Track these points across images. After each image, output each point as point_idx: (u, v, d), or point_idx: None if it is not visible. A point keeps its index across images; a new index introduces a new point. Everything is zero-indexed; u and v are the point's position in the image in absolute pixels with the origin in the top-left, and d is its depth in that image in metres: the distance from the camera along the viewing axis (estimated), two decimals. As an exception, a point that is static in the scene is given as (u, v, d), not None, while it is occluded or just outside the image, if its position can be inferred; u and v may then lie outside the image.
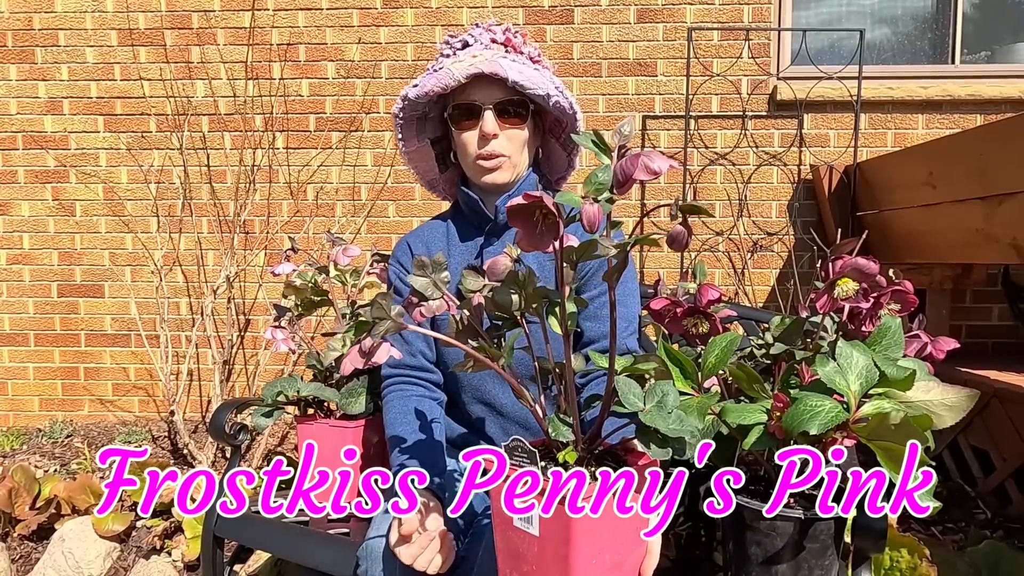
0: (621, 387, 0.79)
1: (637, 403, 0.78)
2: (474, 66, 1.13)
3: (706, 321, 0.96)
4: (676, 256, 2.86)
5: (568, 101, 1.18)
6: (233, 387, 2.89)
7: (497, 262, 0.88)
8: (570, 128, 1.24)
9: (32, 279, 2.94)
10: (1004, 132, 1.88)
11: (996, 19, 3.00)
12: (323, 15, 2.86)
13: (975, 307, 2.84)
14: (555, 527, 0.75)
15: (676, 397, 0.79)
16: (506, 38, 1.21)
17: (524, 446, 0.78)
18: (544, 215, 0.71)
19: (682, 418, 0.77)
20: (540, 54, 1.24)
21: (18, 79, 2.89)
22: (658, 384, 0.79)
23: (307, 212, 2.91)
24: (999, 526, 1.99)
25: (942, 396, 0.85)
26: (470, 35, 1.21)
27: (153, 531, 2.08)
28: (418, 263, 0.83)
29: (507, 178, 1.22)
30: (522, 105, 1.19)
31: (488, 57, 1.14)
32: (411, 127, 1.26)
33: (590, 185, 0.69)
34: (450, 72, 1.14)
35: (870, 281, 0.86)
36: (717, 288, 0.96)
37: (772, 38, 2.85)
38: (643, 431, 0.77)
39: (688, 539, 1.21)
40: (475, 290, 0.88)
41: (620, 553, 0.80)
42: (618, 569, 0.80)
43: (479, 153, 1.19)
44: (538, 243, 0.72)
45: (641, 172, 0.67)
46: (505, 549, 0.81)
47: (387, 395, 1.24)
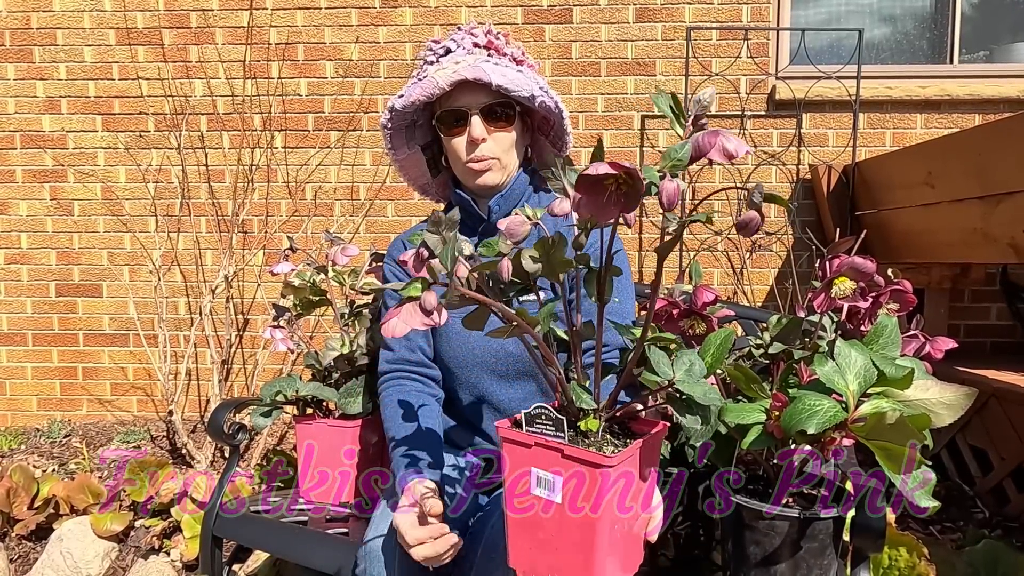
0: (654, 355, 0.80)
1: (668, 371, 0.79)
2: (457, 73, 1.13)
3: (703, 322, 0.96)
4: (675, 256, 2.86)
5: (553, 100, 1.18)
6: (232, 387, 2.89)
7: (515, 223, 0.81)
8: (557, 126, 1.25)
9: (30, 279, 2.94)
10: (1002, 132, 1.88)
11: (994, 19, 3.00)
12: (322, 14, 2.86)
13: (973, 306, 2.84)
14: (582, 494, 0.75)
15: (702, 366, 0.79)
16: (488, 40, 1.21)
17: (550, 413, 0.77)
18: (620, 185, 0.67)
19: (708, 388, 0.78)
20: (524, 53, 1.25)
21: (16, 78, 2.88)
22: (683, 353, 0.80)
23: (305, 211, 2.91)
24: (997, 525, 1.99)
25: (940, 395, 0.85)
26: (452, 40, 1.22)
27: (152, 531, 2.08)
28: (433, 220, 0.76)
29: (498, 180, 1.22)
30: (508, 107, 1.19)
31: (471, 62, 1.15)
32: (400, 135, 1.27)
33: (667, 160, 0.66)
34: (434, 80, 1.15)
35: (867, 280, 0.86)
36: (713, 289, 0.96)
37: (771, 37, 2.85)
38: (672, 399, 0.78)
39: (687, 539, 1.21)
40: (505, 253, 0.83)
41: (634, 518, 0.81)
42: (630, 533, 0.81)
43: (469, 157, 1.19)
44: (602, 213, 0.67)
45: (716, 152, 0.63)
46: (517, 519, 0.81)
47: (385, 389, 1.24)
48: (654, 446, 0.84)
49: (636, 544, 0.85)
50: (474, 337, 1.22)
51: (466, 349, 1.22)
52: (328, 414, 1.42)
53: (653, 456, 0.84)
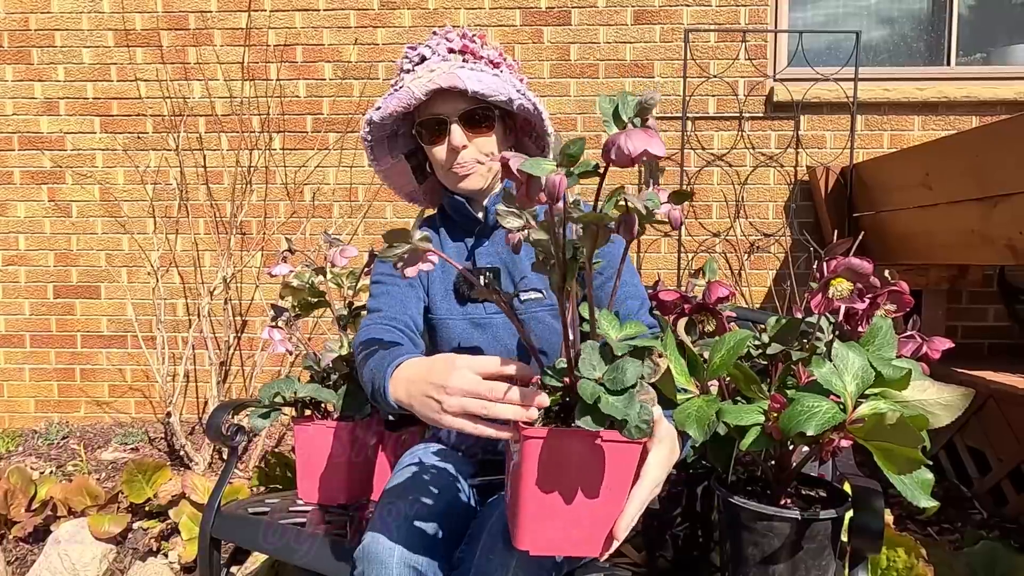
0: (586, 350, 0.77)
1: (593, 371, 0.76)
2: (432, 81, 1.12)
3: (713, 319, 0.96)
4: (673, 257, 2.87)
5: (532, 103, 1.17)
6: (230, 388, 2.89)
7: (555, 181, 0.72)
8: (538, 126, 1.24)
9: (28, 280, 2.93)
10: (1000, 133, 1.89)
11: (991, 21, 3.01)
12: (320, 16, 2.86)
13: (971, 308, 2.84)
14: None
15: (635, 375, 0.74)
16: (463, 45, 1.20)
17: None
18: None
19: (631, 402, 0.73)
20: (502, 54, 1.23)
21: (14, 80, 2.88)
22: (626, 360, 0.75)
23: (304, 213, 2.91)
24: (995, 526, 1.99)
25: (938, 395, 0.85)
26: (427, 46, 1.20)
27: (150, 533, 2.08)
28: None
29: (483, 183, 1.22)
30: (487, 112, 1.18)
31: (445, 69, 1.14)
32: (383, 146, 1.26)
33: (561, 155, 0.68)
34: (410, 91, 1.14)
35: (864, 281, 0.86)
36: (727, 286, 0.97)
37: (768, 40, 2.85)
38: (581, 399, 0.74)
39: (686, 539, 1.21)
40: (515, 228, 0.81)
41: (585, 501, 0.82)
42: (583, 510, 0.82)
43: (451, 164, 1.19)
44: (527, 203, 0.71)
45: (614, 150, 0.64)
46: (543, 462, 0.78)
47: (366, 334, 1.12)
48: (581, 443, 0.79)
49: (592, 525, 0.81)
50: (474, 339, 1.22)
51: (466, 352, 1.22)
52: (327, 416, 1.42)
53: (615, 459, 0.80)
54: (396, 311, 1.19)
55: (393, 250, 0.79)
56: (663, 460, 0.85)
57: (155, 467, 2.18)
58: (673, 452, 0.87)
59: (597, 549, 0.81)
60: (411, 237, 0.79)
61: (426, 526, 1.03)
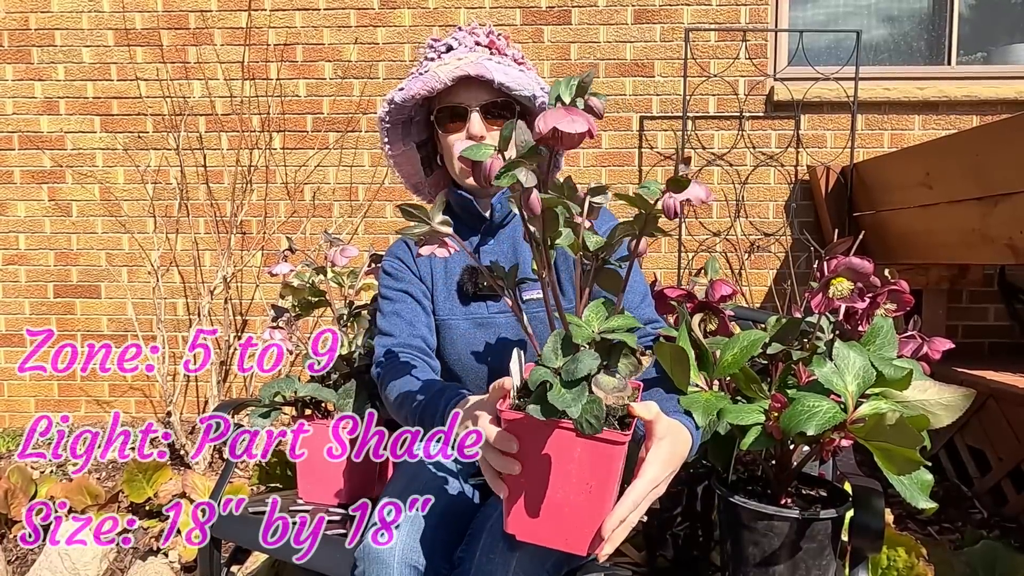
0: (552, 339, 0.77)
1: (553, 360, 0.75)
2: (460, 68, 1.13)
3: (715, 317, 0.96)
4: (674, 256, 2.87)
5: None
6: (230, 388, 2.89)
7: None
8: None
9: (28, 280, 2.93)
10: (1000, 133, 1.89)
11: (992, 20, 3.01)
12: (320, 15, 2.86)
13: (971, 307, 2.84)
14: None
15: (588, 367, 0.72)
16: (490, 40, 1.21)
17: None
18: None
19: (580, 395, 0.71)
20: (523, 56, 1.25)
21: (14, 79, 2.88)
22: (584, 353, 0.74)
23: (304, 212, 2.91)
24: (995, 525, 1.99)
25: (938, 395, 0.85)
26: (453, 38, 1.21)
27: (150, 532, 2.08)
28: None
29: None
30: (508, 106, 1.19)
31: (473, 59, 1.15)
32: (397, 131, 1.26)
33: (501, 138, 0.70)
34: (436, 75, 1.14)
35: (865, 280, 0.86)
36: (730, 284, 0.96)
37: (769, 39, 2.85)
38: (536, 386, 0.74)
39: (686, 539, 1.21)
40: (531, 186, 0.76)
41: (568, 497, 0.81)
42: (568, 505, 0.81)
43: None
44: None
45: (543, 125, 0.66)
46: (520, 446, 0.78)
47: (387, 366, 1.15)
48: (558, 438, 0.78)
49: (574, 520, 0.79)
50: (477, 339, 1.22)
51: (469, 352, 1.22)
52: (327, 415, 1.42)
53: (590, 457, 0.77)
54: (407, 335, 1.21)
55: (412, 229, 0.79)
56: (663, 458, 0.80)
57: (155, 466, 2.18)
58: (676, 450, 0.82)
59: (583, 547, 0.78)
60: (432, 218, 0.79)
61: (426, 526, 1.03)
